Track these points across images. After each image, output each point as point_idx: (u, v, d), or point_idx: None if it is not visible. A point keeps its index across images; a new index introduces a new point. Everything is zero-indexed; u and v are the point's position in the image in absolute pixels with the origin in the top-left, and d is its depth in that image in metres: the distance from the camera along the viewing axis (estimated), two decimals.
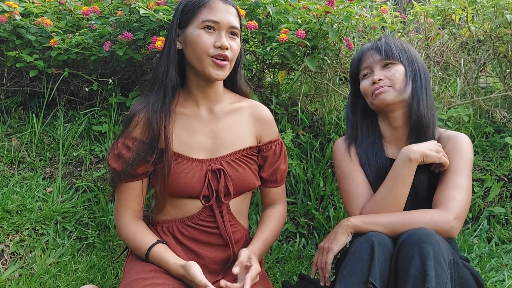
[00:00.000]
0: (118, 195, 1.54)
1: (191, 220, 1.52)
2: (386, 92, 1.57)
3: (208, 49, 1.44)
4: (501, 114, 2.59)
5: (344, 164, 1.64)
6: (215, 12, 1.45)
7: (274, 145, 1.62)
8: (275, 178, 1.64)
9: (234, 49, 1.48)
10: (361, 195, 1.57)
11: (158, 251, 1.45)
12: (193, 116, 1.54)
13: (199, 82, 1.52)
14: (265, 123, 1.62)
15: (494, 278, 2.02)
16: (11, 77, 2.50)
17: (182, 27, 1.50)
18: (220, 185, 1.50)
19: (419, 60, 1.64)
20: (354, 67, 1.70)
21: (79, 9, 2.22)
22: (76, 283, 1.83)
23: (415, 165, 1.49)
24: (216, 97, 1.56)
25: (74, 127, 2.43)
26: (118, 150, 1.49)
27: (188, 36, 1.47)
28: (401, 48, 1.63)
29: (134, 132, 1.49)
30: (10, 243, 1.97)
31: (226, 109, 1.58)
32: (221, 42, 1.44)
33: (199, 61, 1.45)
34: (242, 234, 1.60)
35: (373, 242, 1.35)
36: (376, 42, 1.65)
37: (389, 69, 1.59)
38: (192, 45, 1.46)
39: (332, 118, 2.49)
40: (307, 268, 2.07)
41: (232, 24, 1.47)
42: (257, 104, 1.65)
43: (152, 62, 2.47)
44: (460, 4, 2.58)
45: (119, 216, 1.53)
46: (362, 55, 1.66)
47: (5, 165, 2.31)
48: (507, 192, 2.41)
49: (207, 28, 1.45)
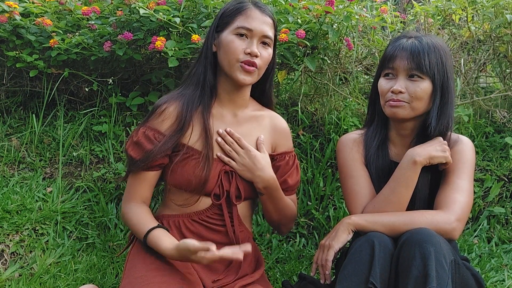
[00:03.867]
0: (131, 181, 1.56)
1: (198, 216, 1.54)
2: (400, 107, 1.52)
3: (239, 55, 1.49)
4: (501, 114, 2.59)
5: (348, 162, 1.63)
6: (250, 20, 1.51)
7: (288, 156, 1.66)
8: (286, 187, 1.65)
9: (264, 58, 1.53)
10: (364, 194, 1.56)
11: (153, 235, 1.46)
12: (217, 117, 1.58)
13: (227, 85, 1.57)
14: (282, 134, 1.68)
15: (494, 278, 2.01)
16: (11, 77, 2.50)
17: (218, 31, 1.55)
18: (231, 186, 1.53)
19: (450, 74, 1.53)
20: (385, 58, 1.58)
21: (79, 9, 2.22)
22: (76, 283, 1.83)
23: (419, 168, 1.48)
24: (242, 102, 1.61)
25: (74, 127, 2.43)
26: (138, 138, 1.52)
27: (222, 40, 1.53)
28: (439, 61, 1.50)
29: (161, 124, 1.52)
30: (10, 243, 1.97)
31: (248, 115, 1.63)
32: (251, 49, 1.49)
33: (229, 65, 1.51)
34: (246, 235, 1.61)
35: (373, 242, 1.35)
36: (415, 45, 1.51)
37: (414, 82, 1.50)
38: (224, 49, 1.51)
39: (332, 118, 2.49)
40: (307, 268, 2.07)
41: (265, 34, 1.52)
42: (277, 115, 1.71)
43: (152, 62, 2.47)
44: (460, 4, 2.58)
45: (127, 201, 1.56)
46: (396, 52, 1.53)
47: (5, 165, 2.31)
48: (507, 192, 2.41)
49: (240, 35, 1.50)
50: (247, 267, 1.57)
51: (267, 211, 1.64)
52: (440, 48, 1.53)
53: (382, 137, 1.64)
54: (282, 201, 1.61)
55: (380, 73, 1.59)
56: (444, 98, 1.53)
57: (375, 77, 1.64)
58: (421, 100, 1.51)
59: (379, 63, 1.63)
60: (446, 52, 1.55)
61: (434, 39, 1.55)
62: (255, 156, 1.54)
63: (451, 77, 1.54)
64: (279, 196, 1.60)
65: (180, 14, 2.10)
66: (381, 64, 1.59)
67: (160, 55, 2.38)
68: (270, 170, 1.56)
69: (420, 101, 1.51)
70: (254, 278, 1.54)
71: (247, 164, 1.53)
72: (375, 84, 1.63)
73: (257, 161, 1.54)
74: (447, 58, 1.54)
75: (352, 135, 1.69)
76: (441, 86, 1.51)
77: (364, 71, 2.82)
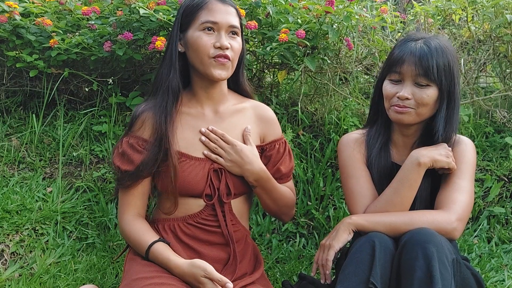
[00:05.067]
0: (122, 193, 1.55)
1: (193, 218, 1.53)
2: (406, 113, 1.51)
3: (209, 50, 1.46)
4: (501, 114, 2.59)
5: (349, 162, 1.62)
6: (213, 13, 1.48)
7: (277, 144, 1.64)
8: (280, 175, 1.64)
9: (235, 48, 1.50)
10: (365, 195, 1.56)
11: (159, 248, 1.45)
12: (198, 116, 1.57)
13: (203, 83, 1.55)
14: (268, 122, 1.65)
15: (494, 278, 2.01)
16: (11, 77, 2.50)
17: (183, 30, 1.53)
18: (221, 184, 1.52)
19: (457, 79, 1.51)
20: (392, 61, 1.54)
21: (79, 9, 2.22)
22: (76, 283, 1.83)
23: (423, 170, 1.48)
24: (220, 97, 1.59)
25: (74, 127, 2.42)
26: (122, 149, 1.52)
27: (189, 38, 1.50)
28: (446, 67, 1.48)
29: (141, 132, 1.52)
30: (10, 243, 1.97)
31: (230, 110, 1.60)
32: (221, 42, 1.46)
33: (201, 63, 1.48)
34: (243, 234, 1.60)
35: (374, 242, 1.35)
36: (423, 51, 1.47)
37: (420, 89, 1.49)
38: (193, 47, 1.48)
39: (332, 118, 2.49)
40: (307, 268, 2.07)
41: (231, 24, 1.49)
42: (260, 104, 1.68)
43: (152, 62, 2.47)
44: (460, 4, 2.58)
45: (122, 214, 1.54)
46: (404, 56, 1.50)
47: (5, 165, 2.31)
48: (507, 192, 2.41)
49: (207, 30, 1.48)
50: (246, 266, 1.57)
51: (264, 203, 1.63)
52: (448, 52, 1.50)
53: (385, 139, 1.63)
54: (276, 191, 1.60)
55: (385, 75, 1.57)
56: (450, 103, 1.52)
57: (379, 78, 1.63)
58: (427, 107, 1.50)
59: (384, 65, 1.61)
60: (453, 55, 1.53)
61: (442, 41, 1.52)
62: (241, 150, 1.53)
63: (457, 82, 1.52)
64: (273, 187, 1.58)
65: None
66: (388, 67, 1.56)
67: (160, 55, 2.38)
68: (258, 162, 1.55)
69: (426, 107, 1.51)
70: (254, 278, 1.54)
71: (235, 159, 1.52)
72: (378, 85, 1.61)
73: (244, 155, 1.52)
74: (455, 62, 1.52)
75: (353, 135, 1.69)
76: (447, 92, 1.50)
77: (364, 71, 2.82)
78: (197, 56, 1.48)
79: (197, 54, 1.48)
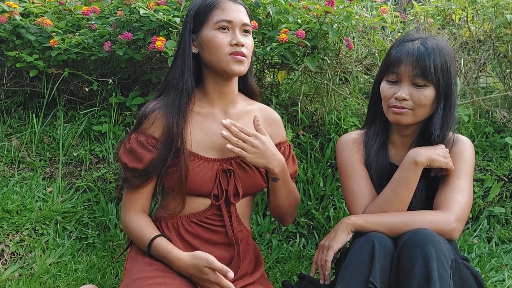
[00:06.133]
0: (128, 192, 1.55)
1: (197, 217, 1.54)
2: (404, 114, 1.51)
3: (225, 48, 1.48)
4: (501, 114, 2.59)
5: (348, 162, 1.63)
6: (227, 11, 1.50)
7: (283, 146, 1.66)
8: None
9: (249, 46, 1.53)
10: (364, 194, 1.56)
11: (161, 242, 1.46)
12: (208, 116, 1.58)
13: (217, 82, 1.56)
14: (275, 125, 1.67)
15: (494, 278, 2.02)
16: (11, 77, 2.50)
17: (195, 31, 1.53)
18: (229, 185, 1.52)
19: (453, 79, 1.52)
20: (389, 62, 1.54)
21: (79, 9, 2.22)
22: (76, 283, 1.83)
23: (420, 169, 1.48)
24: (232, 97, 1.60)
25: (74, 127, 2.43)
26: (130, 145, 1.52)
27: (203, 38, 1.51)
28: (444, 67, 1.48)
29: (151, 130, 1.52)
30: (10, 243, 1.97)
31: (240, 111, 1.61)
32: (237, 39, 1.49)
33: (218, 61, 1.49)
34: (245, 235, 1.61)
35: (373, 242, 1.35)
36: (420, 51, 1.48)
37: (418, 89, 1.49)
38: (209, 46, 1.50)
39: (332, 118, 2.49)
40: (307, 268, 2.07)
41: (244, 22, 1.52)
42: (266, 107, 1.71)
43: (152, 62, 2.47)
44: (460, 4, 2.58)
45: (127, 211, 1.55)
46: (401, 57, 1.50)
47: (5, 165, 2.31)
48: (507, 192, 2.41)
49: (222, 28, 1.49)
50: (246, 266, 1.57)
51: (279, 199, 1.61)
52: (445, 52, 1.51)
53: (383, 139, 1.64)
54: (291, 184, 1.62)
55: (382, 76, 1.57)
56: (447, 103, 1.52)
57: (376, 78, 1.63)
58: (424, 107, 1.51)
59: (381, 66, 1.61)
60: (450, 55, 1.53)
61: (439, 41, 1.52)
62: (264, 141, 1.50)
63: (454, 81, 1.53)
64: (289, 179, 1.60)
65: (180, 14, 2.09)
66: (385, 67, 1.56)
67: (160, 55, 2.38)
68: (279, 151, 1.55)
69: (424, 108, 1.51)
70: (254, 278, 1.54)
71: (260, 150, 1.48)
72: (376, 86, 1.61)
73: (268, 145, 1.51)
74: (452, 62, 1.52)
75: (352, 135, 1.69)
76: (445, 92, 1.51)
77: (364, 71, 2.82)
78: (214, 55, 1.49)
79: (214, 53, 1.49)
